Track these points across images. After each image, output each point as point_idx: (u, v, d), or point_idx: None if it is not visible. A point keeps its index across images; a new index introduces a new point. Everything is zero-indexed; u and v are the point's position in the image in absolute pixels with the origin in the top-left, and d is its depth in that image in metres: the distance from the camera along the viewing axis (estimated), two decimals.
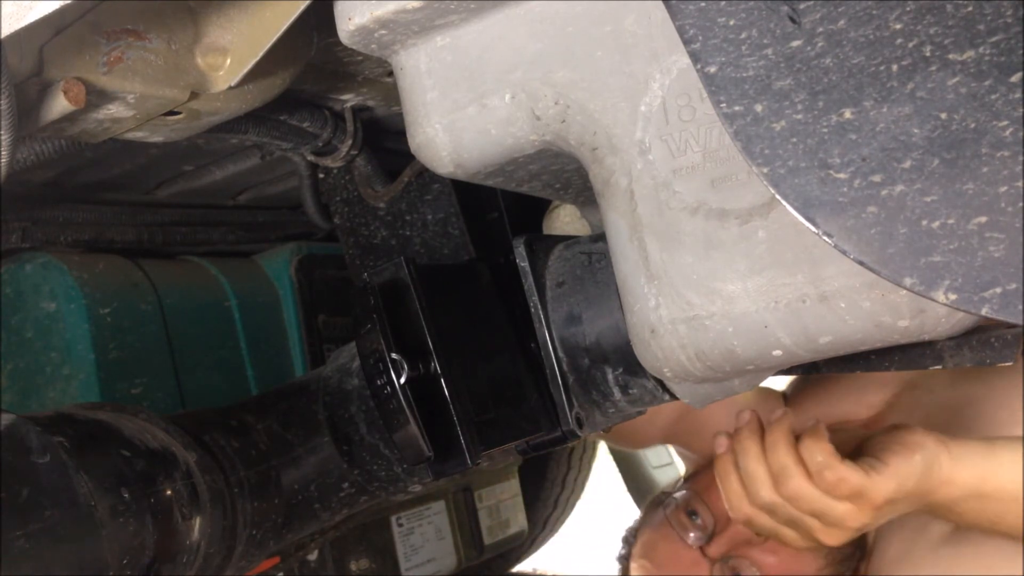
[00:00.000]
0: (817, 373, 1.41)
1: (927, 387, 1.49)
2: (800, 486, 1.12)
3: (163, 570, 0.80)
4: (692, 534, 1.47)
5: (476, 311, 0.94)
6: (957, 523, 1.25)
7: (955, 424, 1.39)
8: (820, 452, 1.12)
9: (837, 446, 1.14)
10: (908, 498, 1.14)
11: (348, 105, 1.16)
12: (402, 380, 0.84)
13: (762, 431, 1.17)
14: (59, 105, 0.75)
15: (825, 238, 0.53)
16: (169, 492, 0.81)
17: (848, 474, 1.10)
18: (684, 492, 1.53)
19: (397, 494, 1.05)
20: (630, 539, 1.62)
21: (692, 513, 1.49)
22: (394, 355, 0.84)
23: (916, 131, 0.51)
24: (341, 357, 1.05)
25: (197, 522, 0.83)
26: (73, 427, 0.80)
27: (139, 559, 0.78)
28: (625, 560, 1.61)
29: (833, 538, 1.16)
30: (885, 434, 1.19)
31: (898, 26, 0.52)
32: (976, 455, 1.15)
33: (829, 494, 1.11)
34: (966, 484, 1.15)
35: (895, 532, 1.41)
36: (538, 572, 2.49)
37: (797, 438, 1.16)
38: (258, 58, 0.81)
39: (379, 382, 0.85)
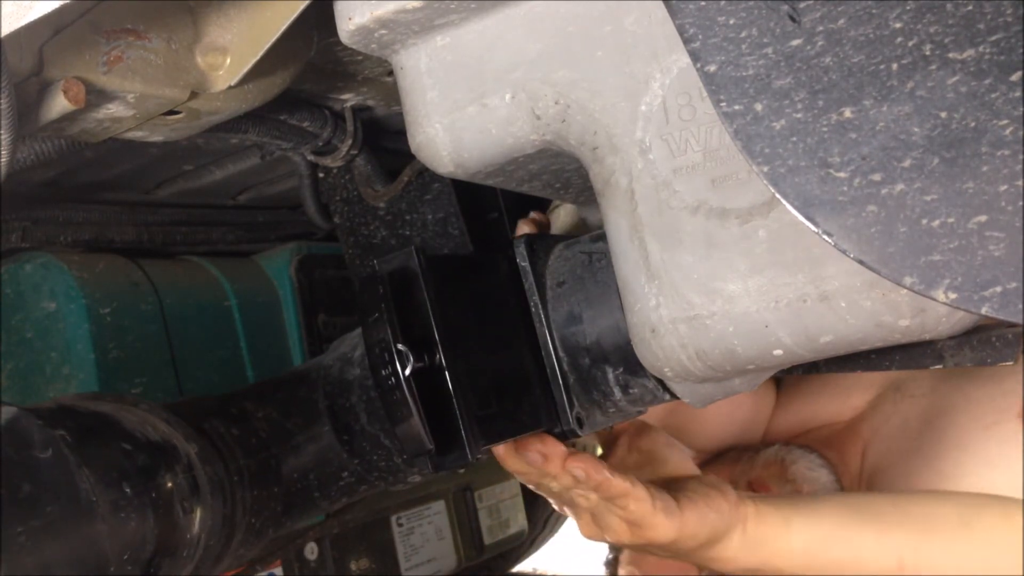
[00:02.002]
0: (817, 373, 1.40)
1: (908, 391, 1.48)
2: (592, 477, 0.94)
3: (163, 564, 0.80)
4: None
5: (483, 304, 0.93)
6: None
7: (926, 434, 1.38)
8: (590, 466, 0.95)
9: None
10: (684, 554, 1.01)
11: (348, 105, 1.16)
12: (407, 372, 0.83)
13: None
14: (59, 105, 0.75)
15: (825, 237, 0.53)
16: (170, 485, 0.81)
17: (634, 499, 0.95)
18: None
19: (396, 484, 1.05)
20: (616, 545, 1.62)
21: None
22: (400, 346, 0.83)
23: (916, 130, 0.51)
24: (342, 346, 1.05)
25: (198, 514, 0.83)
26: (74, 420, 0.80)
27: (140, 554, 0.77)
28: (612, 565, 1.61)
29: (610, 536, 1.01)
30: (702, 482, 1.04)
31: (898, 25, 0.52)
32: (767, 540, 1.00)
33: (609, 501, 0.97)
34: (745, 567, 1.01)
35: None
36: (538, 572, 2.49)
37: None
38: (258, 58, 0.81)
39: (383, 372, 0.84)
